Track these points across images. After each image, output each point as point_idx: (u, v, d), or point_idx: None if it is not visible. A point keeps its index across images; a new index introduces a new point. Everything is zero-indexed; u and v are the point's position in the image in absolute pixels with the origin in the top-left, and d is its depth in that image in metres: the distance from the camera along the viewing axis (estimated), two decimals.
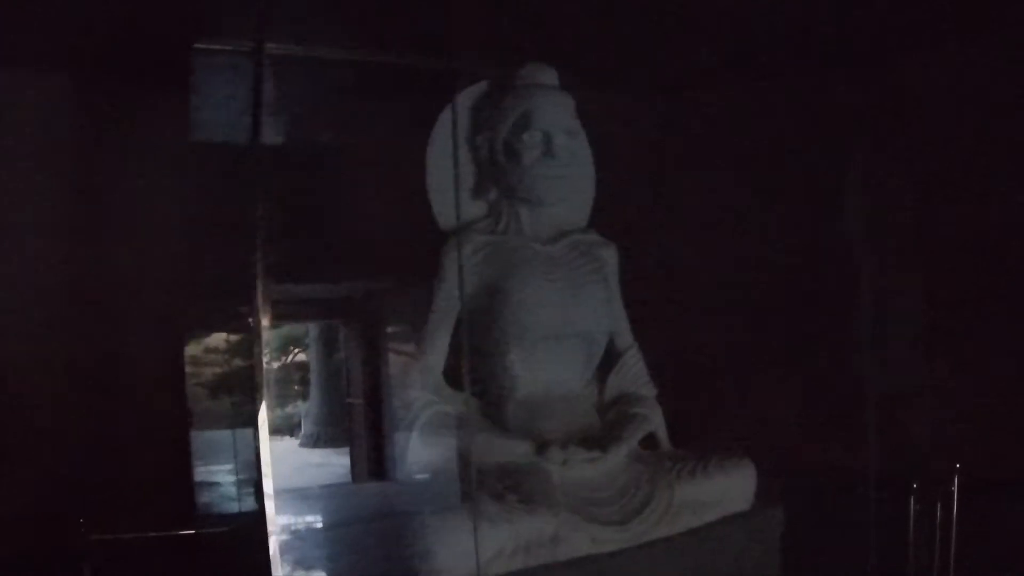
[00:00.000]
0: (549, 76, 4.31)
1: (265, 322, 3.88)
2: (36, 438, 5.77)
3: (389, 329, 8.42)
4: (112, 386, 6.08)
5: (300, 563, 3.89)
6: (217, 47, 4.95)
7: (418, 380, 4.10)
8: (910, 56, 5.85)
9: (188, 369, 6.24)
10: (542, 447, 3.90)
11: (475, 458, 3.83)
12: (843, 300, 5.89)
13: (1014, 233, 5.63)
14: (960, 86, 5.77)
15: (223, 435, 6.51)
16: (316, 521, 4.99)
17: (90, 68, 6.06)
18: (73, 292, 6.12)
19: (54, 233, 6.09)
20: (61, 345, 5.98)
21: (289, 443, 16.81)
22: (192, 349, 6.40)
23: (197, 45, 4.99)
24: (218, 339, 7.34)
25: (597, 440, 4.06)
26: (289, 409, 17.73)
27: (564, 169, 4.24)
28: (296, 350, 17.68)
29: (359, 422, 10.27)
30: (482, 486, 3.72)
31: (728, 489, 4.15)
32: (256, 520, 4.43)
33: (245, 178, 4.00)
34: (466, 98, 4.36)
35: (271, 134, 6.47)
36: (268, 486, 3.67)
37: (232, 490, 6.41)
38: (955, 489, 4.77)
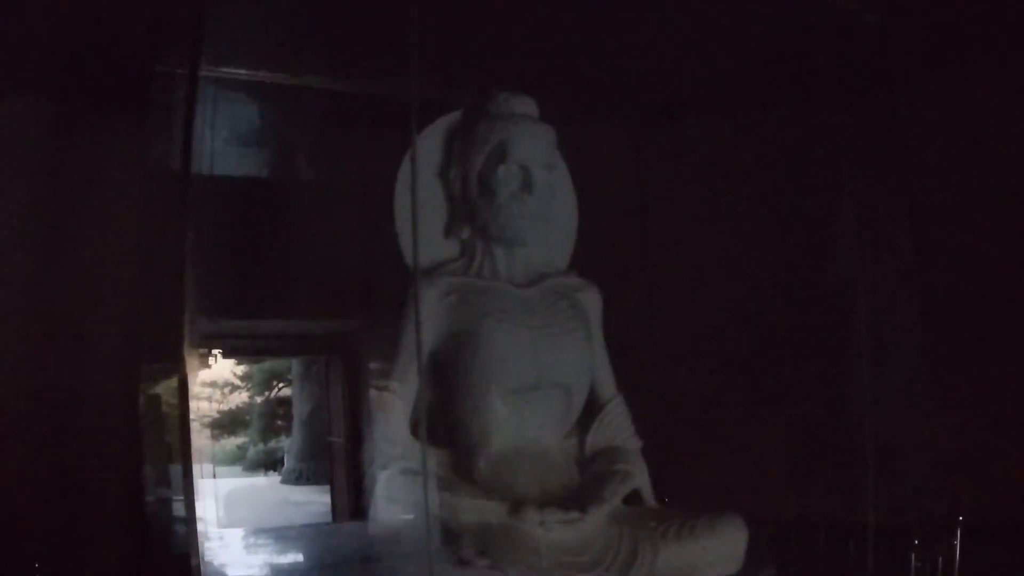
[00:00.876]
0: (527, 106, 4.13)
1: (196, 359, 3.83)
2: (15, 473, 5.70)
3: (372, 366, 8.39)
4: (67, 422, 6.02)
5: None
6: (177, 71, 4.85)
7: (383, 433, 3.92)
8: (904, 85, 5.76)
9: (144, 403, 5.87)
10: (517, 507, 3.69)
11: (444, 519, 3.67)
12: (837, 342, 5.70)
13: (1015, 272, 5.54)
14: (956, 116, 5.75)
15: (174, 469, 6.65)
16: (296, 561, 5.00)
17: (49, 93, 6.00)
18: (27, 323, 6.06)
19: (11, 261, 6.06)
20: (15, 380, 5.96)
21: (271, 480, 16.86)
22: (150, 386, 5.96)
23: (157, 68, 4.87)
24: (170, 372, 7.49)
25: (577, 499, 3.84)
26: (272, 444, 17.96)
27: (543, 206, 4.07)
28: (280, 384, 17.91)
29: (340, 460, 10.22)
30: (452, 548, 3.57)
31: (717, 550, 3.91)
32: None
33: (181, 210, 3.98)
34: (437, 129, 4.20)
35: (245, 166, 6.38)
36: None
37: (182, 528, 6.59)
38: (957, 543, 4.82)
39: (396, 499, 3.72)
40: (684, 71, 5.57)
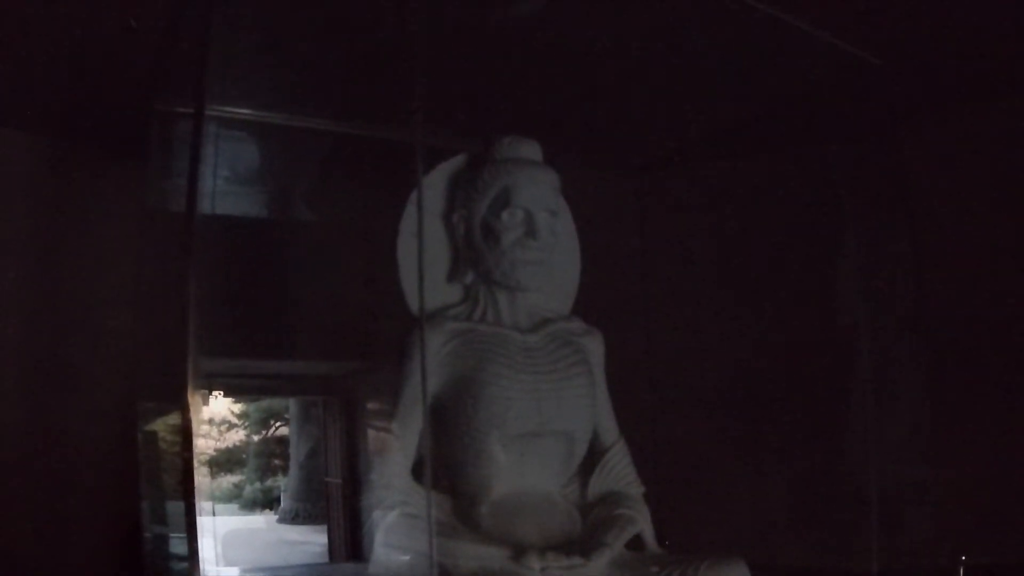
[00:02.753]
0: (532, 150, 4.15)
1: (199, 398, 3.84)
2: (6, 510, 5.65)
3: (369, 406, 8.37)
4: (61, 461, 5.99)
5: None
6: (177, 109, 4.88)
7: (384, 477, 3.90)
8: (907, 129, 5.79)
9: (142, 440, 5.71)
10: (518, 553, 3.66)
11: (445, 564, 3.61)
12: (839, 389, 5.79)
13: (1018, 319, 5.52)
14: (959, 159, 5.77)
15: (174, 506, 6.64)
16: None
17: (46, 130, 6.02)
18: (21, 361, 6.06)
19: (6, 297, 6.02)
20: (8, 418, 5.94)
21: (267, 519, 16.76)
22: (145, 421, 5.85)
23: (156, 107, 4.88)
24: (171, 412, 7.44)
25: (579, 545, 3.82)
26: (268, 483, 17.81)
27: (546, 252, 4.08)
28: (277, 423, 17.78)
29: (337, 501, 10.22)
30: None
31: None
32: None
33: (182, 248, 3.93)
34: (441, 173, 4.20)
35: (244, 206, 6.40)
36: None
37: (182, 565, 6.54)
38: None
39: (397, 543, 3.70)
40: (687, 119, 5.59)
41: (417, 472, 3.88)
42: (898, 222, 5.79)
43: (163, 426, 6.69)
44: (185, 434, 3.85)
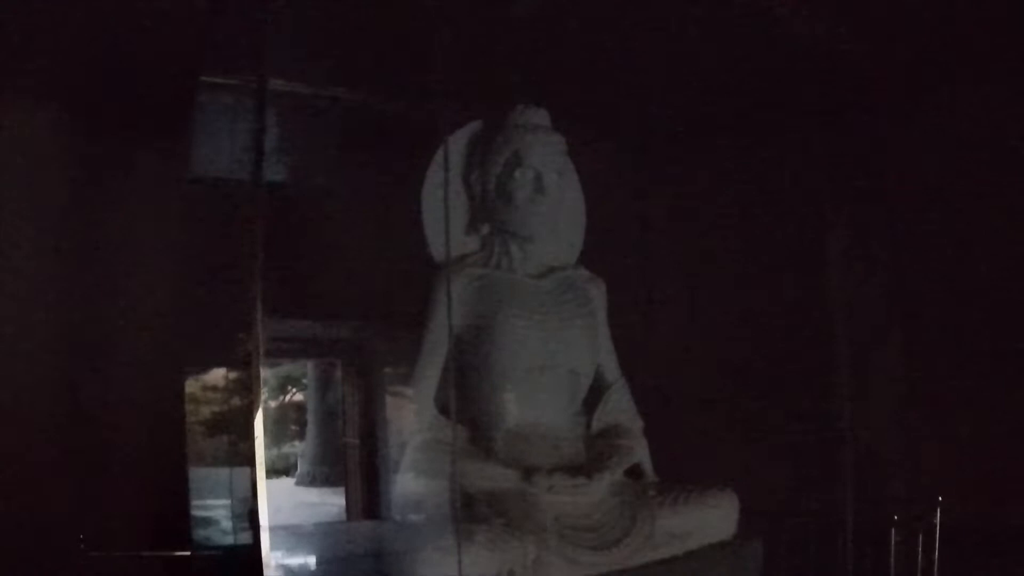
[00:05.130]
0: (541, 117, 4.44)
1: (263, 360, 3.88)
2: (38, 466, 5.70)
3: (386, 370, 8.49)
4: (111, 420, 6.00)
5: None
6: (221, 80, 5.06)
7: (411, 409, 4.22)
8: (891, 111, 5.97)
9: (188, 407, 6.23)
10: (528, 474, 4.00)
11: (464, 484, 3.92)
12: (828, 343, 5.99)
13: (997, 280, 5.72)
14: (938, 141, 5.91)
15: (219, 472, 6.59)
16: (309, 557, 5.03)
17: (88, 103, 6.04)
18: (62, 327, 6.12)
19: (50, 268, 6.14)
20: (57, 380, 6.02)
21: (285, 482, 16.81)
22: (190, 387, 6.39)
23: (201, 84, 5.12)
24: (216, 377, 7.40)
25: (582, 469, 4.15)
26: (286, 449, 17.74)
27: (554, 207, 4.38)
28: (294, 390, 17.74)
29: (354, 462, 10.29)
30: (469, 510, 3.82)
31: (709, 519, 4.24)
32: (251, 550, 4.55)
33: (245, 216, 4.00)
34: (460, 138, 4.49)
35: (268, 173, 6.61)
36: (264, 518, 3.74)
37: (228, 524, 6.47)
38: (937, 522, 4.91)
39: (422, 464, 3.99)
40: (684, 99, 5.78)
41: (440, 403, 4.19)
42: (882, 195, 6.09)
43: (205, 392, 6.84)
44: (248, 402, 4.09)
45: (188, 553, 5.34)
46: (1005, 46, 5.31)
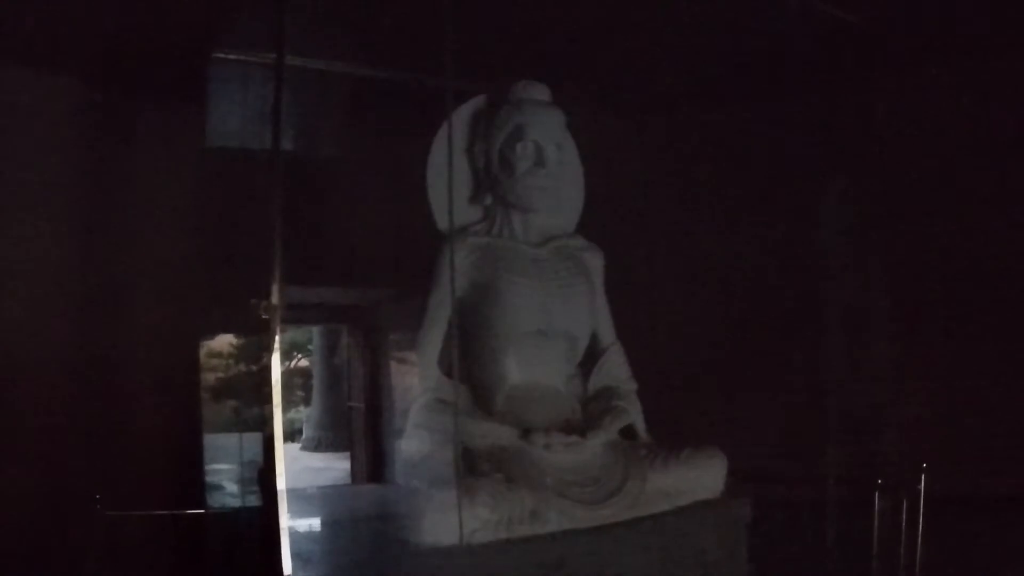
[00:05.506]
0: (541, 92, 4.55)
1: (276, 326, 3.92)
2: (55, 431, 5.98)
3: (392, 335, 8.64)
4: (126, 385, 6.29)
5: (298, 555, 3.99)
6: (236, 57, 5.22)
7: (416, 370, 4.34)
8: (886, 80, 6.12)
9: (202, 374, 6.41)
10: (526, 432, 4.15)
11: (466, 441, 4.06)
12: (819, 312, 6.13)
13: (985, 251, 5.89)
14: (932, 109, 6.04)
15: (228, 438, 6.70)
16: (315, 517, 5.08)
17: (103, 73, 6.21)
18: (90, 292, 6.30)
19: (68, 236, 6.32)
20: (73, 346, 6.22)
21: (290, 448, 16.82)
22: (198, 353, 6.54)
23: (216, 55, 5.25)
24: (222, 343, 7.52)
25: (578, 428, 4.31)
26: (291, 414, 17.75)
27: (553, 179, 4.50)
28: (299, 355, 17.76)
29: (359, 426, 10.44)
30: (471, 465, 3.97)
31: (698, 477, 4.38)
32: (261, 511, 4.68)
33: (259, 185, 4.10)
34: (464, 111, 4.60)
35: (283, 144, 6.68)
36: (281, 482, 3.92)
37: (236, 488, 6.59)
38: (922, 487, 4.96)
39: (426, 422, 4.15)
40: (682, 68, 5.91)
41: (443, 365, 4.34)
42: (876, 160, 6.20)
43: (210, 359, 6.95)
44: (263, 368, 4.10)
45: (201, 511, 5.51)
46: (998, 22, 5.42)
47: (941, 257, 6.07)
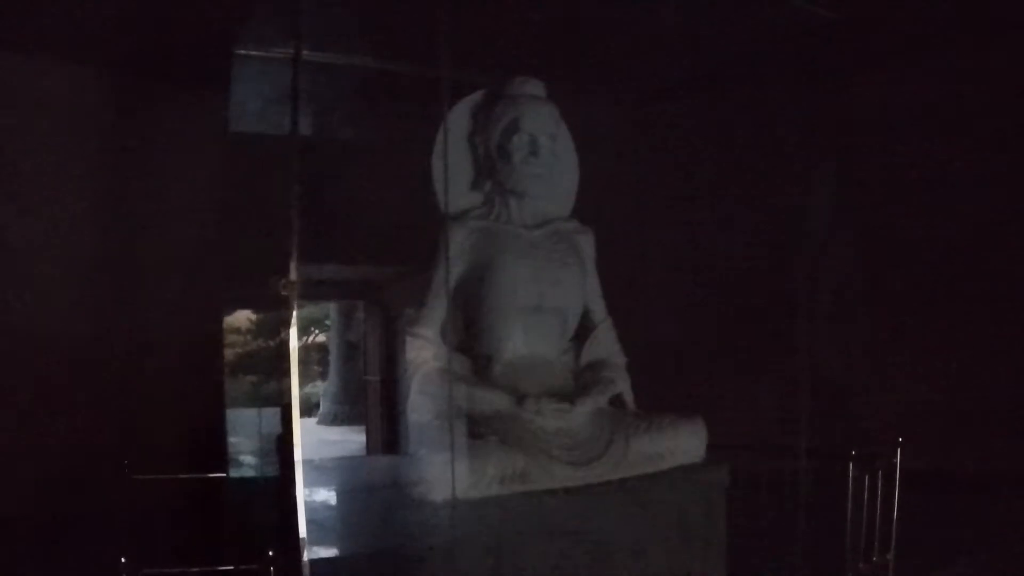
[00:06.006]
0: (536, 88, 4.82)
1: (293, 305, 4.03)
2: (86, 400, 6.33)
3: (406, 311, 8.88)
4: (151, 358, 6.57)
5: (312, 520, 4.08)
6: (255, 53, 5.47)
7: (420, 344, 4.60)
8: (867, 74, 6.35)
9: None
10: (520, 399, 4.43)
11: (465, 407, 4.36)
12: (801, 293, 6.33)
13: (963, 236, 6.11)
14: (911, 102, 6.28)
15: (247, 412, 6.93)
16: (329, 487, 5.28)
17: (124, 62, 6.47)
18: (111, 269, 6.61)
19: (95, 217, 6.61)
20: (102, 321, 6.53)
21: (307, 422, 17.12)
22: (220, 328, 6.83)
23: (238, 51, 5.53)
24: (240, 319, 7.76)
25: (568, 396, 4.59)
26: (308, 389, 17.97)
27: (547, 168, 4.77)
28: (316, 331, 17.92)
29: (375, 399, 10.67)
30: (469, 429, 4.25)
31: (680, 443, 4.65)
32: (281, 477, 4.90)
33: (277, 169, 4.16)
34: (466, 105, 4.87)
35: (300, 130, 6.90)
36: (298, 452, 4.07)
37: (255, 459, 6.86)
38: (897, 461, 5.11)
39: (428, 389, 4.43)
40: (666, 62, 6.21)
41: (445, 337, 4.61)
42: (860, 149, 6.46)
43: (228, 335, 7.17)
44: (281, 344, 4.33)
45: (223, 475, 5.68)
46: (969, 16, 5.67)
47: (924, 239, 6.29)
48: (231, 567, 4.18)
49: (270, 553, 3.84)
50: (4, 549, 5.71)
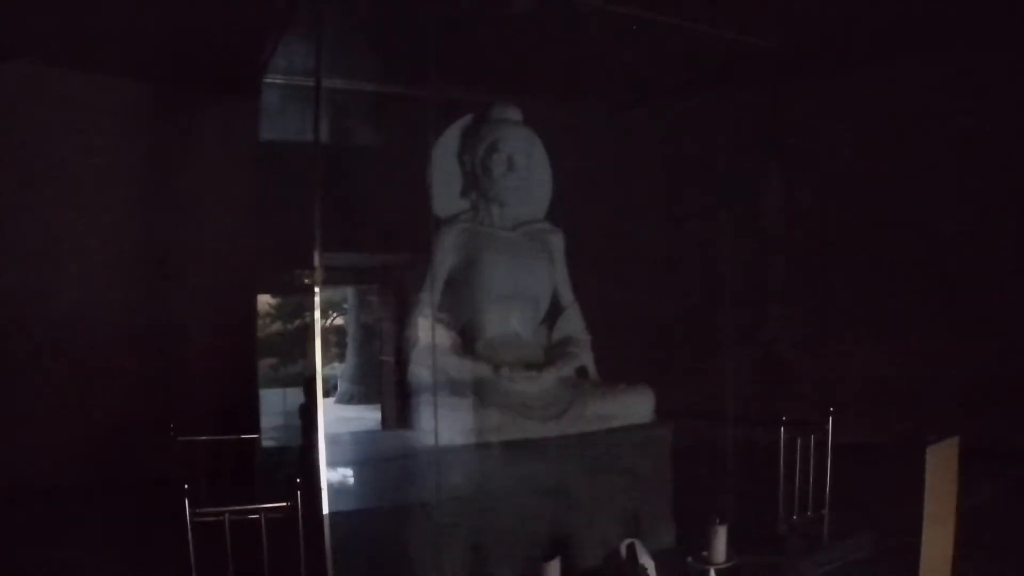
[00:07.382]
0: (514, 113, 5.56)
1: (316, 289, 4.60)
2: (136, 373, 7.01)
3: (415, 292, 9.39)
4: (191, 336, 7.32)
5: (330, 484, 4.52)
6: (281, 81, 6.09)
7: (417, 323, 5.32)
8: (785, 87, 6.94)
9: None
10: (497, 368, 5.14)
11: (452, 374, 5.03)
12: (747, 279, 6.91)
13: (903, 226, 6.76)
14: (856, 105, 6.94)
15: (271, 391, 7.45)
16: (347, 456, 5.52)
17: (168, 77, 7.03)
18: (151, 260, 7.23)
19: (139, 211, 7.24)
20: (147, 303, 7.22)
21: (326, 402, 17.29)
22: (250, 311, 7.20)
23: (265, 80, 6.07)
24: (268, 304, 8.29)
25: (538, 366, 5.31)
26: (326, 370, 17.98)
27: (523, 181, 5.49)
28: (334, 314, 18.22)
29: (389, 378, 11.19)
30: (454, 391, 4.96)
31: (631, 405, 5.32)
32: (303, 447, 5.51)
33: (303, 169, 4.64)
34: (457, 127, 5.57)
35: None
36: (321, 425, 4.72)
37: (279, 433, 7.36)
38: (830, 428, 5.40)
39: (423, 360, 5.14)
40: (641, 74, 6.77)
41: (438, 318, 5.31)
42: (809, 146, 7.04)
43: (263, 316, 7.74)
44: (305, 326, 4.67)
45: (256, 436, 6.20)
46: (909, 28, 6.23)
47: (869, 226, 6.89)
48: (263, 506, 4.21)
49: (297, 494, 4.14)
50: (60, 511, 6.29)
